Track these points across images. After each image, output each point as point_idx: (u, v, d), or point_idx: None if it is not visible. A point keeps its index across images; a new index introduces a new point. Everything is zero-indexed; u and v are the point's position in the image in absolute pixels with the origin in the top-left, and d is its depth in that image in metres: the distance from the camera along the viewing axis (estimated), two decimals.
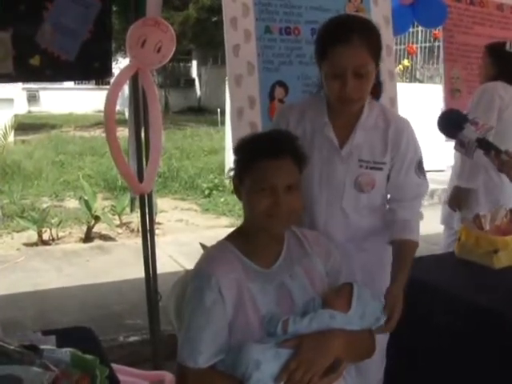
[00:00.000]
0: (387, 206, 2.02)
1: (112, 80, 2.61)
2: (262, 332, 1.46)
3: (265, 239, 1.54)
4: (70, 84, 17.82)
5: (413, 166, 1.93)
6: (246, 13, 2.67)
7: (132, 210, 6.04)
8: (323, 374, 1.42)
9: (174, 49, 2.47)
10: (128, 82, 2.60)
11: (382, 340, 1.89)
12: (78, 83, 17.98)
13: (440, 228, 3.53)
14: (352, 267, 1.82)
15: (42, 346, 1.48)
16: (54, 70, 2.50)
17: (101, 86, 15.98)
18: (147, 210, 2.71)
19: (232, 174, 1.58)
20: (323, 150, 1.91)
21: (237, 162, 1.56)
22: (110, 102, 2.39)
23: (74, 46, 2.48)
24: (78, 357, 1.47)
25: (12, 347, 1.43)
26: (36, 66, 2.44)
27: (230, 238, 1.59)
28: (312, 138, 1.92)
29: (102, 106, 2.52)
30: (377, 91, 1.96)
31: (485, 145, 1.89)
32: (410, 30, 9.31)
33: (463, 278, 2.38)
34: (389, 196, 2.01)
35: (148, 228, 2.74)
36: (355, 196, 1.92)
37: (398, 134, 1.91)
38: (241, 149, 1.55)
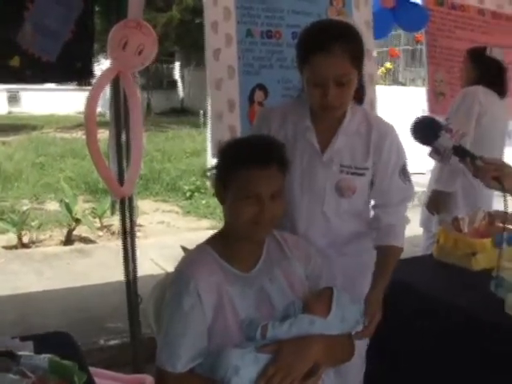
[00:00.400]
0: (372, 212, 2.01)
1: (94, 81, 2.59)
2: (241, 336, 1.45)
3: (246, 245, 1.53)
4: (51, 84, 17.62)
5: (397, 171, 1.92)
6: (228, 16, 2.66)
7: (113, 213, 6.01)
8: (302, 379, 1.42)
9: (155, 52, 2.44)
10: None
11: (361, 343, 1.88)
12: (60, 84, 17.80)
13: (421, 230, 3.56)
14: (333, 272, 1.81)
15: (19, 353, 1.46)
16: (34, 71, 2.46)
17: (83, 87, 15.82)
18: (128, 213, 2.69)
19: (211, 174, 1.55)
20: (305, 155, 1.90)
21: (221, 166, 1.53)
22: (91, 104, 2.35)
23: (55, 46, 2.45)
24: (56, 363, 1.45)
25: None
26: (16, 67, 2.40)
27: (209, 241, 1.58)
28: (294, 142, 1.90)
29: (83, 108, 2.49)
30: (359, 95, 1.94)
31: (461, 152, 1.89)
32: (393, 32, 9.40)
33: (442, 279, 2.39)
34: (374, 201, 2.00)
35: (128, 230, 2.72)
36: (336, 201, 1.90)
37: (380, 138, 1.89)
38: (225, 154, 1.52)
